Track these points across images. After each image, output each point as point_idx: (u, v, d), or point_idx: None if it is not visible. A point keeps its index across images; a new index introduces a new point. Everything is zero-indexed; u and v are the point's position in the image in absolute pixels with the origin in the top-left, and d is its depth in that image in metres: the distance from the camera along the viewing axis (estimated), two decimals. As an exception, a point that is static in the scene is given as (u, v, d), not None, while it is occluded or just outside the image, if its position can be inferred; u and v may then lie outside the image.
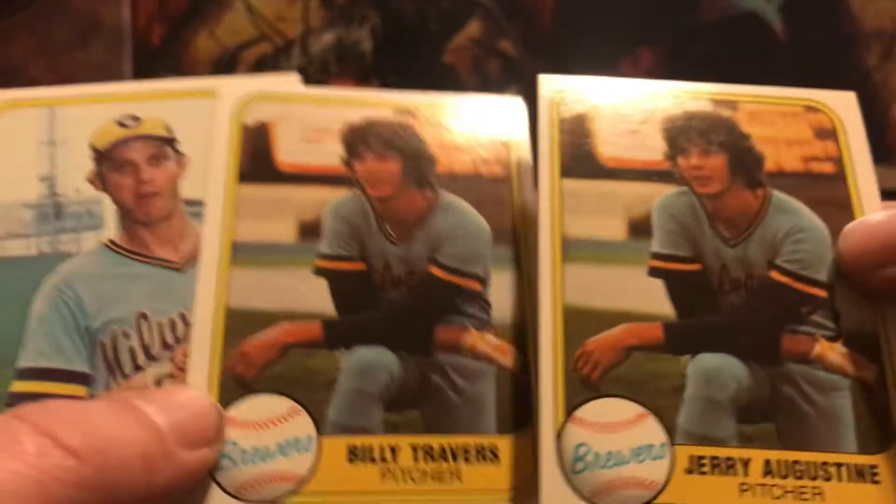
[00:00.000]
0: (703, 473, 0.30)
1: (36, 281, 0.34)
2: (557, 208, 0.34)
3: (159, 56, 0.71)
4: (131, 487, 0.26)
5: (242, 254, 0.33)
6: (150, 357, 0.33)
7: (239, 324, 0.32)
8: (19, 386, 0.33)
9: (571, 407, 0.31)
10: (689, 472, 0.30)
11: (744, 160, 0.35)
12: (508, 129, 0.37)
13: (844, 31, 0.71)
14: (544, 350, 0.31)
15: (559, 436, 0.30)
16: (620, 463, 0.30)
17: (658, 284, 0.33)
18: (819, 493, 0.30)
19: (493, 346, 0.33)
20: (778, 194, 0.35)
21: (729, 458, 0.31)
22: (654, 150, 0.35)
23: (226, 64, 0.72)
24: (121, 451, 0.26)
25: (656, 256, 0.34)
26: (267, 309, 0.33)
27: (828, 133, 0.36)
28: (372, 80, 0.71)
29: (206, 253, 0.33)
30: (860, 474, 0.31)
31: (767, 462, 0.31)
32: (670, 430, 0.31)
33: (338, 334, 0.33)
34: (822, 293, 0.33)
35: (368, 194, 0.35)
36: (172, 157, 0.36)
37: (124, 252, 0.35)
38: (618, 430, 0.31)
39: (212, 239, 0.33)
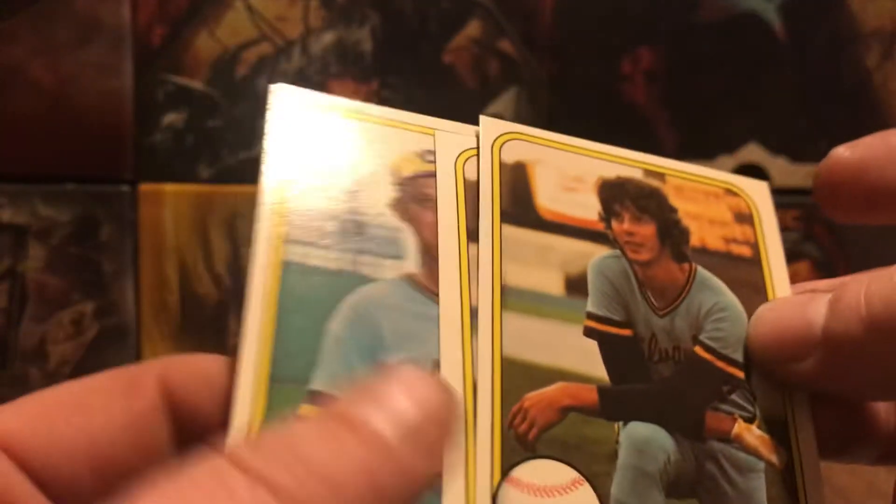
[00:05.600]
0: None
1: (333, 297, 0.29)
2: (497, 253, 0.32)
3: (160, 56, 0.69)
4: None
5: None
6: None
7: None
8: (308, 411, 0.27)
9: (508, 466, 0.28)
10: None
11: (671, 232, 0.35)
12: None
13: (844, 31, 0.72)
14: (482, 403, 0.29)
15: (494, 496, 0.28)
16: (555, 531, 0.28)
17: (593, 346, 0.32)
18: None
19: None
20: (702, 270, 0.35)
21: None
22: (589, 209, 0.34)
23: (226, 64, 0.70)
24: (341, 480, 0.21)
25: (591, 317, 0.32)
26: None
27: (745, 217, 0.37)
28: (372, 81, 0.70)
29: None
30: None
31: None
32: (603, 498, 0.29)
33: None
34: (739, 374, 0.33)
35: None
36: None
37: (426, 291, 0.31)
38: (553, 494, 0.29)
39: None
